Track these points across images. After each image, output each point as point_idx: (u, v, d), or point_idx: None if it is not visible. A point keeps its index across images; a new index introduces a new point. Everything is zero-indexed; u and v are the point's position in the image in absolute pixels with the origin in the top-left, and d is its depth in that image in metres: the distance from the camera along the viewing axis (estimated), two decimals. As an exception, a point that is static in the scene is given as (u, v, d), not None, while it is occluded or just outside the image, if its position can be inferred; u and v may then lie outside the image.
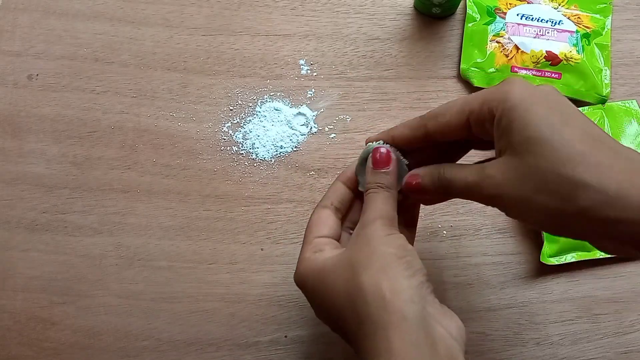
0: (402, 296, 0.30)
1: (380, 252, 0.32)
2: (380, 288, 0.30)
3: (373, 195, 0.35)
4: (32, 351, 0.46)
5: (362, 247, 0.33)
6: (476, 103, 0.32)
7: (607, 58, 0.53)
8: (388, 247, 0.32)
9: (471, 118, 0.32)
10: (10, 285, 0.48)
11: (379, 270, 0.31)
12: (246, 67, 0.54)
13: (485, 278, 0.48)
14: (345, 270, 0.32)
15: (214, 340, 0.47)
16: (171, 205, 0.50)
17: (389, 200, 0.35)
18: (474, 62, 0.53)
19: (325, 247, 0.35)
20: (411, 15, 0.56)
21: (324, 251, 0.35)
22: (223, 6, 0.56)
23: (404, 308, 0.29)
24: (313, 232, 0.36)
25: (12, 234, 0.49)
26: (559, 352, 0.46)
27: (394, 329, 0.29)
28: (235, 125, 0.52)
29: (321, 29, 0.55)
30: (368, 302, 0.30)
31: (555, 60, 0.52)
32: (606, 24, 0.54)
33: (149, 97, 0.53)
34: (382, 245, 0.32)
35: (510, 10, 0.54)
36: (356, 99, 0.53)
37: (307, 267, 0.34)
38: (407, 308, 0.29)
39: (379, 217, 0.34)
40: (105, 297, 0.47)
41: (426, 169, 0.35)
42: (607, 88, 0.52)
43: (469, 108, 0.32)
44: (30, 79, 0.53)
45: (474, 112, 0.32)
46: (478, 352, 0.46)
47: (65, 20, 0.55)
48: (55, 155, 0.51)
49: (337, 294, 0.32)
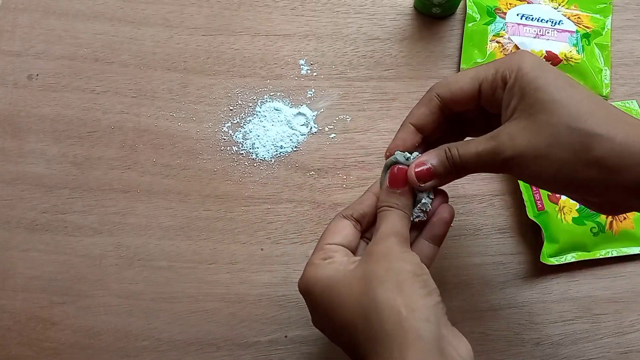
0: (418, 314, 0.29)
1: (397, 268, 0.31)
2: (396, 304, 0.30)
3: (387, 213, 0.35)
4: (32, 351, 0.46)
5: (379, 261, 0.32)
6: (489, 71, 0.34)
7: (607, 58, 0.53)
8: (405, 263, 0.32)
9: (483, 85, 0.34)
10: (10, 285, 0.48)
11: (396, 287, 0.30)
12: (246, 67, 0.54)
13: (485, 278, 0.48)
14: (359, 283, 0.32)
15: (214, 340, 0.47)
16: (171, 205, 0.50)
17: (403, 220, 0.35)
18: (474, 62, 0.53)
19: (335, 254, 0.35)
20: (411, 15, 0.56)
21: (334, 259, 0.34)
22: (223, 6, 0.56)
23: (420, 326, 0.29)
24: (326, 238, 0.36)
25: (12, 234, 0.49)
26: (559, 352, 0.46)
27: (410, 347, 0.28)
28: (235, 125, 0.52)
29: (321, 29, 0.55)
30: (383, 317, 0.30)
31: (555, 60, 0.52)
32: (606, 24, 0.54)
33: (149, 97, 0.53)
34: (399, 261, 0.32)
35: (510, 10, 0.54)
36: (356, 99, 0.53)
37: (314, 274, 0.34)
38: (423, 327, 0.29)
39: (394, 233, 0.34)
40: (105, 297, 0.47)
41: (430, 153, 0.35)
42: (607, 88, 0.52)
43: (483, 75, 0.35)
44: (30, 79, 0.53)
45: (487, 79, 0.34)
46: (478, 352, 0.46)
47: (65, 20, 0.55)
48: (55, 155, 0.51)
49: (348, 306, 0.31)
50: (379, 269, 0.32)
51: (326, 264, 0.34)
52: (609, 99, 0.52)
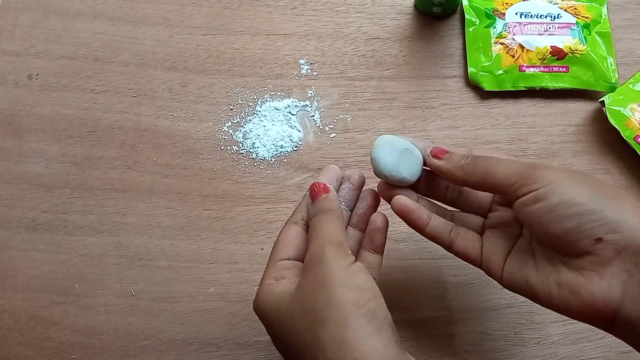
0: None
1: (337, 301, 0.29)
2: (342, 348, 0.28)
3: (316, 220, 0.34)
4: (32, 351, 0.46)
5: (318, 287, 0.30)
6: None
7: (608, 45, 0.54)
8: (346, 290, 0.29)
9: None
10: (11, 284, 0.48)
11: (340, 326, 0.28)
12: (246, 67, 0.54)
13: (486, 278, 0.48)
14: (301, 318, 0.30)
15: (214, 339, 0.47)
16: (171, 205, 0.50)
17: (334, 222, 0.33)
18: (481, 66, 0.53)
19: (286, 272, 0.33)
20: (411, 15, 0.56)
21: (284, 279, 0.33)
22: (223, 5, 0.56)
23: None
24: (278, 252, 0.35)
25: (12, 233, 0.49)
26: (559, 351, 0.46)
27: None
28: (235, 125, 0.52)
29: (321, 28, 0.55)
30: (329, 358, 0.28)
31: (561, 54, 0.52)
32: (603, 12, 0.55)
33: (149, 97, 0.53)
34: (339, 287, 0.29)
35: (508, 10, 0.54)
36: (356, 99, 0.53)
37: (265, 299, 0.33)
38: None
39: (328, 242, 0.32)
40: (105, 297, 0.47)
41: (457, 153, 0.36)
42: (615, 74, 0.53)
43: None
44: (30, 79, 0.53)
45: None
46: (478, 352, 0.46)
47: (65, 20, 0.55)
48: (55, 155, 0.51)
49: (296, 342, 0.30)
50: (319, 301, 0.29)
51: (276, 285, 0.33)
52: (617, 85, 0.52)
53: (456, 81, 0.54)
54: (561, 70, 0.53)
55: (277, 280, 0.33)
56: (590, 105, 0.53)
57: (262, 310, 0.33)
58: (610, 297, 0.29)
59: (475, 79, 0.53)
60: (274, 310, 0.32)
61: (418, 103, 0.53)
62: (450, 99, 0.53)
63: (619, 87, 0.52)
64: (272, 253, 0.35)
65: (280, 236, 0.36)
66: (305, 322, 0.29)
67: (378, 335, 0.28)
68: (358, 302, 0.29)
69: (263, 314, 0.33)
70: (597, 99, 0.52)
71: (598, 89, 0.53)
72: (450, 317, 0.47)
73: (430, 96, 0.53)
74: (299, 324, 0.30)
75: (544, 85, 0.53)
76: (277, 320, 0.31)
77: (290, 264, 0.34)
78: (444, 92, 0.53)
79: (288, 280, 0.33)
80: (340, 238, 0.33)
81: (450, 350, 0.45)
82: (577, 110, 0.53)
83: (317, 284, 0.30)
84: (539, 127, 0.52)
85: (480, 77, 0.53)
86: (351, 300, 0.29)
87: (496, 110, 0.53)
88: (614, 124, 0.50)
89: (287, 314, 0.31)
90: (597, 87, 0.53)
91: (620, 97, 0.51)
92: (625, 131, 0.50)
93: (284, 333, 0.31)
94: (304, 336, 0.29)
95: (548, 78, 0.53)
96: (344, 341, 0.28)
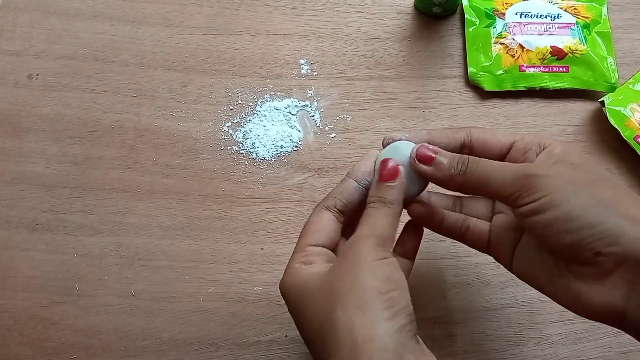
0: (375, 343, 0.27)
1: (361, 284, 0.29)
2: (353, 330, 0.28)
3: (371, 210, 0.33)
4: (32, 351, 0.46)
5: (346, 271, 0.30)
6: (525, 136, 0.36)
7: (608, 45, 0.54)
8: (373, 277, 0.29)
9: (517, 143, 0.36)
10: (11, 285, 0.48)
11: (357, 308, 0.28)
12: (246, 67, 0.54)
13: (486, 277, 0.48)
14: (323, 297, 0.30)
15: (214, 339, 0.47)
16: (171, 205, 0.50)
17: (389, 218, 0.33)
18: (481, 66, 0.53)
19: (316, 259, 0.33)
20: (411, 15, 0.56)
21: (313, 265, 0.33)
22: (223, 5, 0.56)
23: (374, 356, 0.27)
24: (308, 238, 0.34)
25: (12, 233, 0.49)
26: (560, 351, 0.46)
27: None
28: (235, 125, 0.52)
29: (321, 28, 0.55)
30: (339, 342, 0.28)
31: (560, 54, 0.52)
32: (603, 12, 0.55)
33: (149, 97, 0.53)
34: (366, 274, 0.29)
35: (508, 10, 0.54)
36: (356, 99, 0.53)
37: (291, 280, 0.32)
38: (379, 357, 0.27)
39: (373, 234, 0.31)
40: (105, 297, 0.47)
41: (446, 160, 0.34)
42: (615, 74, 0.53)
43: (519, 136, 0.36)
44: (30, 79, 0.53)
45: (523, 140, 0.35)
46: (478, 352, 0.46)
47: (65, 20, 0.55)
48: (55, 155, 0.51)
49: (312, 320, 0.30)
50: (344, 283, 0.29)
51: (306, 268, 0.32)
52: (617, 85, 0.52)
53: (456, 81, 0.54)
54: (561, 70, 0.53)
55: (306, 265, 0.33)
56: (590, 105, 0.53)
57: (287, 289, 0.33)
58: (614, 306, 0.29)
59: (475, 79, 0.53)
60: (298, 287, 0.32)
61: (418, 103, 0.53)
62: (450, 99, 0.53)
63: (619, 87, 0.52)
64: (300, 237, 0.34)
65: (310, 220, 0.35)
66: (325, 303, 0.29)
67: (391, 322, 0.28)
68: (381, 289, 0.29)
69: (287, 293, 0.33)
70: (597, 99, 0.53)
71: (598, 89, 0.53)
72: (450, 317, 0.47)
73: (430, 96, 0.53)
74: (319, 304, 0.30)
75: (544, 85, 0.53)
76: (301, 298, 0.31)
77: (320, 251, 0.33)
78: (444, 92, 0.53)
79: (317, 265, 0.32)
80: (387, 235, 0.32)
81: (450, 350, 0.46)
82: (577, 110, 0.53)
83: (346, 269, 0.30)
84: (539, 127, 0.52)
85: (480, 77, 0.53)
86: (375, 287, 0.29)
87: (496, 110, 0.53)
88: (614, 124, 0.50)
89: (311, 292, 0.31)
90: (597, 87, 0.53)
91: (620, 97, 0.51)
92: (625, 131, 0.50)
93: (301, 313, 0.31)
94: (321, 315, 0.30)
95: (548, 78, 0.53)
96: (355, 324, 0.28)
